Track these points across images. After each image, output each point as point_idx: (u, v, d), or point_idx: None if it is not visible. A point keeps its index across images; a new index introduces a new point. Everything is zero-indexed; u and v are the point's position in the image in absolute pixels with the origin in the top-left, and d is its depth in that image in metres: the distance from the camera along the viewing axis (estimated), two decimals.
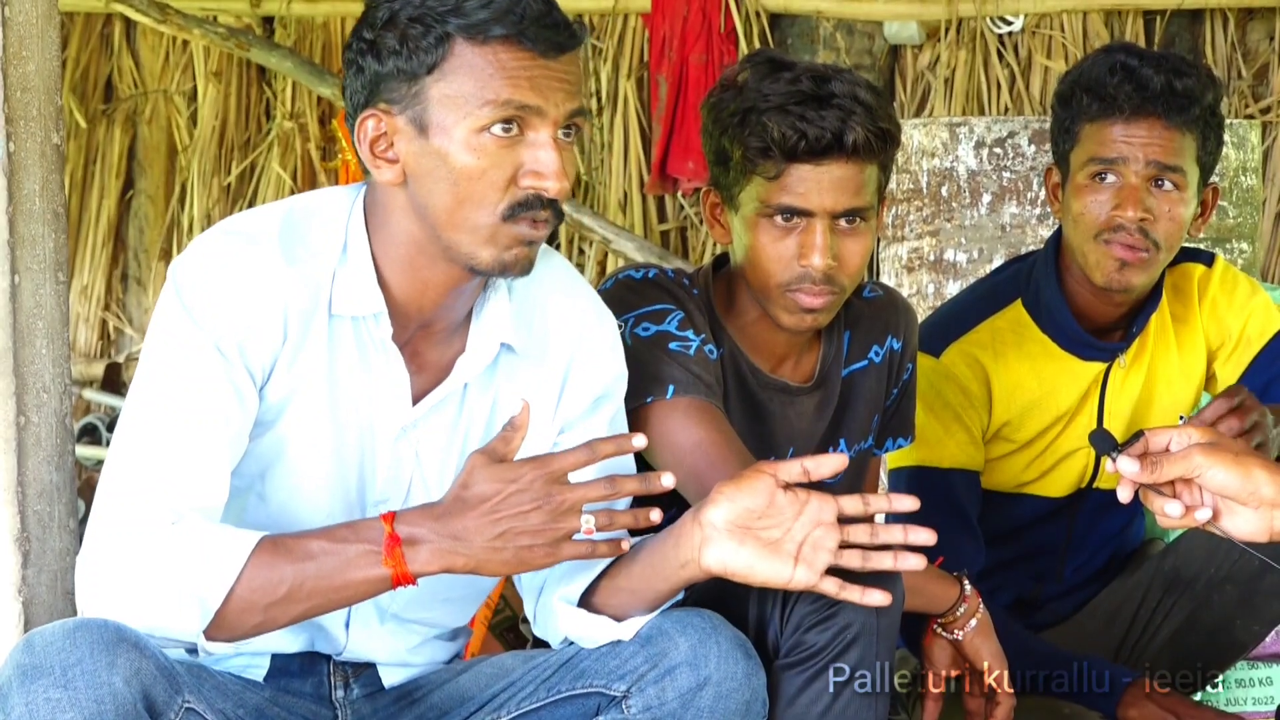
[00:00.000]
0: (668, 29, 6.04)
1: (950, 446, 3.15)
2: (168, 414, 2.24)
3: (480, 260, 2.28)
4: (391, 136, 2.27)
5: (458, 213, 2.25)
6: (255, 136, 6.63)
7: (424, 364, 2.37)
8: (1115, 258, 3.03)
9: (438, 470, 2.40)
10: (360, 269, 2.31)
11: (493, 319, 2.39)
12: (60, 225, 2.82)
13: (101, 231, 6.72)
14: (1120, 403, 3.22)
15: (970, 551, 3.09)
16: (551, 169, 2.24)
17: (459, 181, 2.24)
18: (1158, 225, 3.02)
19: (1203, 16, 5.91)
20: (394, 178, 2.28)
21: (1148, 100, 3.00)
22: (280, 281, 2.27)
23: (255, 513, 2.34)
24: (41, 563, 2.76)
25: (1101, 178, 3.03)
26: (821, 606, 2.39)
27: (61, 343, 2.82)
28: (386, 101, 2.26)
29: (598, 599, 2.37)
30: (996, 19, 5.95)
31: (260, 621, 2.19)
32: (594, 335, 2.48)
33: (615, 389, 2.50)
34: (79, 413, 6.53)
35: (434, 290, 2.33)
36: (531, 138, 2.25)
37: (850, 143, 2.65)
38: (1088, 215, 3.05)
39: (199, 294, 2.25)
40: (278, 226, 2.31)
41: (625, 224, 6.10)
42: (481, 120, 2.22)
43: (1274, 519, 2.10)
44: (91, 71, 6.71)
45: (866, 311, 2.92)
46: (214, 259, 2.28)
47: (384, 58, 2.25)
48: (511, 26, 2.22)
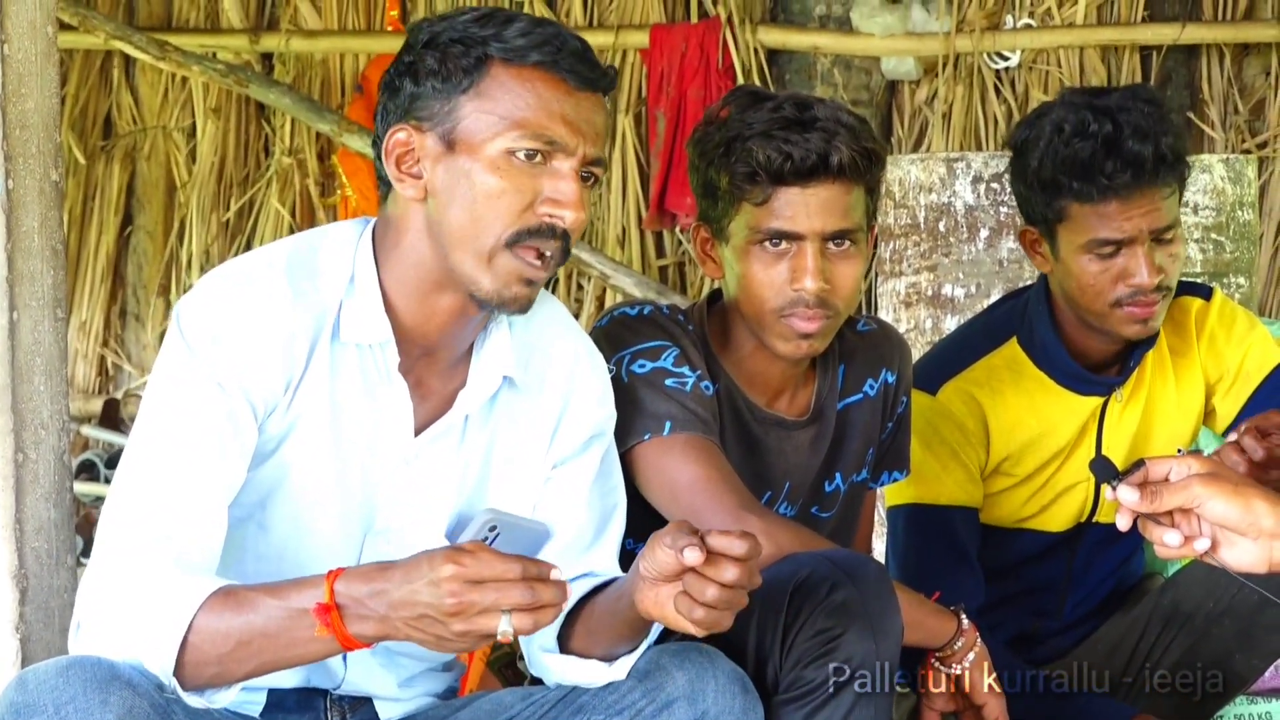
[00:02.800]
0: (666, 65, 6.05)
1: (948, 484, 3.15)
2: (165, 455, 2.24)
3: (480, 288, 2.29)
4: (419, 152, 2.30)
5: (469, 231, 2.27)
6: (254, 172, 6.63)
7: (427, 392, 2.38)
8: (1140, 316, 3.05)
9: (438, 501, 2.40)
10: (368, 297, 2.32)
11: (494, 353, 2.40)
12: (59, 262, 2.83)
13: (100, 267, 6.72)
14: (1118, 437, 3.22)
15: (969, 587, 3.08)
16: (571, 199, 2.26)
17: (478, 199, 2.26)
18: (1168, 275, 3.06)
19: (1199, 52, 5.93)
20: (416, 194, 2.30)
21: (1144, 176, 2.99)
22: (285, 316, 2.28)
23: (256, 542, 2.34)
24: (39, 600, 2.76)
25: (1107, 255, 3.03)
26: (821, 641, 2.39)
27: (60, 379, 2.83)
28: (418, 119, 2.29)
29: (576, 644, 2.38)
30: (993, 54, 5.96)
31: (216, 673, 2.16)
32: (588, 377, 2.50)
33: (606, 428, 2.52)
34: (77, 449, 6.52)
35: (440, 318, 2.34)
36: (554, 167, 2.27)
37: (836, 163, 2.66)
38: (1098, 285, 3.05)
39: (202, 332, 2.26)
40: (284, 262, 2.32)
41: (623, 259, 6.11)
42: (509, 142, 2.26)
43: (1273, 550, 2.10)
44: (91, 108, 6.72)
45: (861, 345, 2.92)
46: (217, 297, 2.28)
47: (421, 78, 2.29)
48: (549, 55, 2.27)
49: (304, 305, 2.30)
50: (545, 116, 2.26)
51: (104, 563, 2.22)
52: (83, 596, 2.23)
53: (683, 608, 2.16)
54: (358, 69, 6.41)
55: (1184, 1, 5.92)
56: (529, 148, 2.26)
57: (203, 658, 2.14)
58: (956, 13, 5.93)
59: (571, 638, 2.39)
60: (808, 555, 2.55)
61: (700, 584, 2.14)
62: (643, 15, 6.19)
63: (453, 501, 2.40)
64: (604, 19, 6.24)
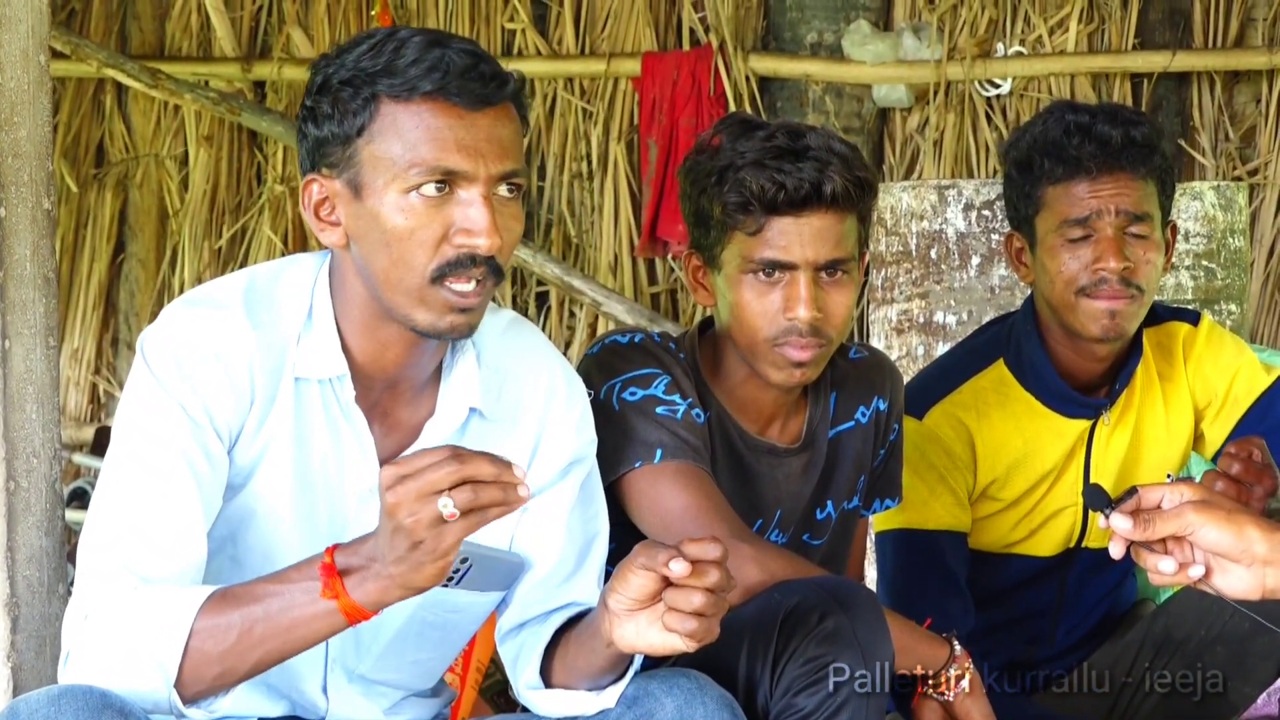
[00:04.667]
0: (657, 93, 6.07)
1: (936, 508, 3.15)
2: (140, 478, 2.24)
3: (417, 322, 2.27)
4: (333, 200, 2.27)
5: (392, 273, 2.25)
6: (246, 200, 6.64)
7: (394, 424, 2.37)
8: (1105, 309, 3.05)
9: None
10: (323, 332, 2.32)
11: (461, 383, 2.39)
12: (51, 290, 2.83)
13: (92, 295, 6.72)
14: (1107, 460, 3.22)
15: (959, 612, 3.08)
16: (481, 226, 2.22)
17: (390, 242, 2.23)
18: (1138, 271, 3.05)
19: (1190, 80, 5.95)
20: (338, 239, 2.29)
21: (1111, 155, 3.03)
22: (245, 345, 2.28)
23: (230, 576, 2.32)
24: (30, 628, 2.76)
25: (1075, 240, 3.06)
26: (812, 669, 2.39)
27: (52, 407, 2.83)
28: (327, 166, 2.27)
29: (558, 679, 2.38)
30: (984, 82, 5.98)
31: (220, 672, 2.15)
32: (564, 406, 2.48)
33: (586, 454, 2.50)
34: (69, 477, 6.51)
35: (393, 350, 2.33)
36: (462, 196, 2.23)
37: (829, 192, 2.66)
38: (1067, 273, 3.07)
39: (165, 361, 2.26)
40: (241, 293, 2.31)
41: (615, 286, 6.11)
42: (409, 182, 2.22)
43: (1266, 577, 2.10)
44: (83, 136, 6.72)
45: (853, 373, 2.92)
46: (179, 327, 2.28)
47: (320, 122, 2.26)
48: (435, 83, 2.21)
49: (262, 335, 2.29)
50: (439, 149, 2.21)
51: (86, 590, 2.21)
52: (68, 626, 2.22)
53: (674, 623, 2.15)
54: None
55: (1175, 29, 5.94)
56: (429, 182, 2.22)
57: (205, 658, 2.14)
58: (948, 40, 5.95)
59: (553, 673, 2.38)
60: (798, 582, 2.55)
61: (685, 594, 2.14)
62: (634, 43, 6.20)
63: None
64: (596, 47, 6.26)
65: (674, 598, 2.15)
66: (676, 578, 2.13)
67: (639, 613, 2.19)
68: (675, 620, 2.15)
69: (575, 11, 6.28)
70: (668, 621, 2.16)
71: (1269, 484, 2.88)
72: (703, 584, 2.14)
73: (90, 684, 2.13)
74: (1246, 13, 5.91)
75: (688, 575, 2.13)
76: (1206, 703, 3.22)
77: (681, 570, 2.12)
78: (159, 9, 6.66)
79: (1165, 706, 3.26)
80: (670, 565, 2.12)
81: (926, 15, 6.00)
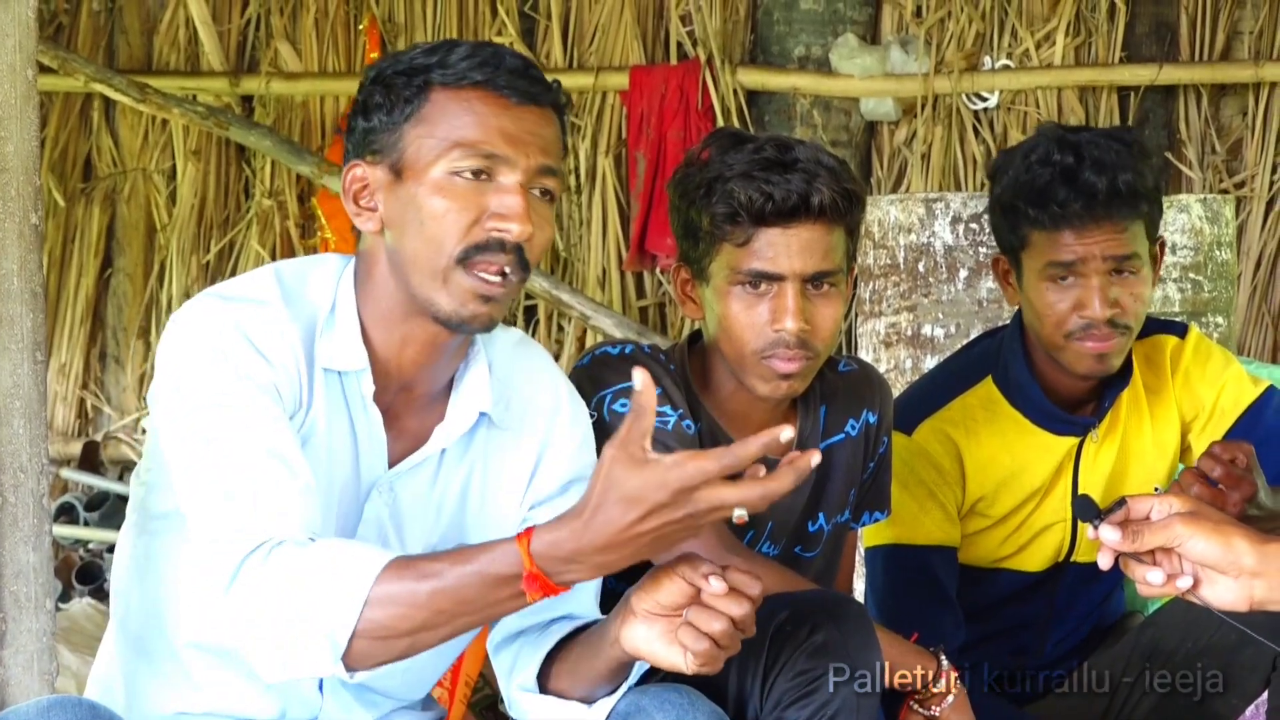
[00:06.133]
0: (645, 106, 6.07)
1: (926, 524, 3.15)
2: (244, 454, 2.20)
3: (439, 308, 2.29)
4: (372, 186, 2.32)
5: (422, 253, 2.28)
6: (234, 214, 6.63)
7: (403, 430, 2.38)
8: (1092, 352, 3.05)
9: (411, 535, 2.40)
10: (346, 326, 2.34)
11: (472, 389, 2.41)
12: (38, 304, 2.83)
13: (80, 310, 6.71)
14: (1094, 476, 3.23)
15: (948, 627, 3.08)
16: (515, 211, 2.26)
17: (425, 220, 2.27)
18: (1126, 312, 3.05)
19: (1176, 92, 5.96)
20: (374, 226, 2.33)
21: (1099, 206, 3.01)
22: (285, 327, 2.30)
23: None
24: (18, 643, 2.75)
25: (1062, 279, 3.05)
26: (802, 683, 2.39)
27: (39, 422, 2.82)
28: (371, 153, 2.32)
29: (555, 684, 2.38)
30: (972, 95, 5.98)
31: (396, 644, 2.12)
32: (568, 422, 2.50)
33: (586, 472, 2.48)
34: (56, 492, 6.50)
35: (413, 348, 2.35)
36: (499, 182, 2.28)
37: (817, 204, 2.67)
38: (1054, 315, 3.06)
39: (219, 336, 2.24)
40: (274, 280, 2.34)
41: (604, 300, 6.11)
42: (451, 163, 2.27)
43: (1254, 589, 2.10)
44: (70, 150, 6.71)
45: (842, 386, 2.92)
46: (222, 308, 2.27)
47: (370, 112, 2.32)
48: (486, 74, 2.28)
49: (297, 320, 2.31)
50: (484, 132, 2.27)
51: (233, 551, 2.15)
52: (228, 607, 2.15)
53: (688, 639, 2.15)
54: (338, 111, 6.42)
55: (1161, 42, 5.95)
56: (471, 166, 2.27)
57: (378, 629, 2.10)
58: (935, 54, 5.96)
59: (551, 677, 2.38)
60: (788, 595, 2.55)
61: (708, 617, 2.14)
62: (622, 57, 6.21)
63: (426, 538, 2.40)
64: (584, 61, 6.26)
65: (697, 615, 2.15)
66: (708, 595, 2.14)
67: (658, 620, 2.20)
68: (689, 637, 2.15)
69: (563, 25, 6.28)
70: (681, 636, 2.16)
71: (1247, 490, 2.88)
72: (730, 611, 2.14)
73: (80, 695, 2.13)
74: (1232, 26, 5.92)
75: (720, 597, 2.13)
76: (1194, 713, 3.22)
77: (718, 589, 2.13)
78: (147, 24, 6.65)
79: (1154, 717, 3.27)
80: (710, 580, 2.13)
81: (914, 29, 6.01)
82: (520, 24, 6.30)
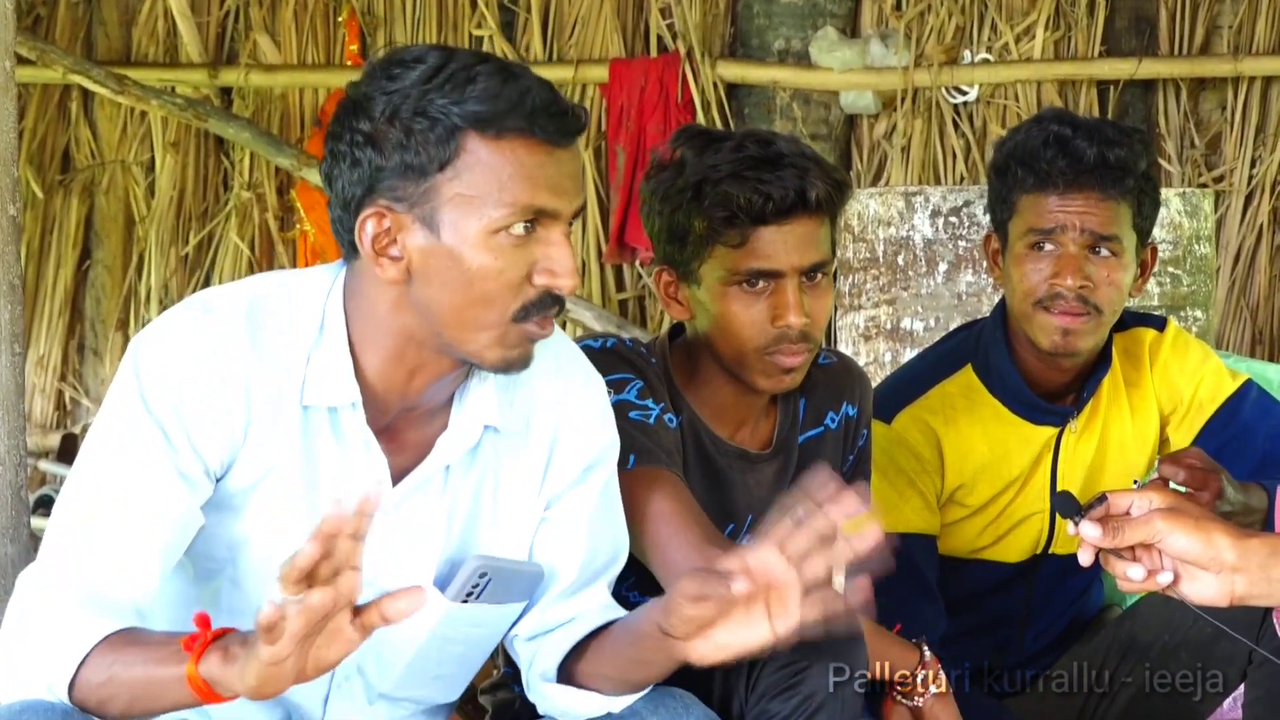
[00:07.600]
0: (625, 99, 6.07)
1: (906, 512, 3.16)
2: (102, 499, 2.18)
3: (486, 359, 2.22)
4: (395, 234, 2.18)
5: (467, 312, 2.19)
6: (213, 207, 6.61)
7: (404, 444, 2.31)
8: (1058, 325, 3.07)
9: (423, 550, 2.34)
10: (336, 357, 2.25)
11: (476, 402, 2.33)
12: (16, 296, 2.82)
13: (58, 302, 6.69)
14: (1073, 467, 3.24)
15: (930, 616, 3.09)
16: (566, 267, 2.19)
17: (473, 281, 2.17)
18: (1098, 291, 3.06)
19: (1156, 87, 5.97)
20: (397, 275, 2.20)
21: (1082, 173, 3.04)
22: (241, 363, 2.21)
23: (229, 597, 2.28)
24: None
25: (1039, 247, 3.08)
26: (785, 676, 2.39)
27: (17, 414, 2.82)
28: (390, 198, 2.17)
29: (580, 676, 2.35)
30: (952, 89, 5.99)
31: (99, 706, 2.08)
32: (580, 403, 2.44)
33: (606, 456, 2.46)
34: (34, 484, 6.48)
35: (420, 379, 2.27)
36: (544, 235, 2.19)
37: (813, 198, 2.67)
38: (1027, 283, 3.08)
39: (154, 373, 2.19)
40: (245, 306, 2.24)
41: (583, 293, 6.11)
42: (500, 222, 2.16)
43: (1234, 584, 2.10)
44: (49, 142, 6.69)
45: (821, 378, 2.93)
46: (174, 337, 2.21)
47: (387, 152, 2.16)
48: (524, 119, 2.15)
49: (262, 356, 2.22)
50: (531, 189, 2.16)
51: (25, 593, 2.17)
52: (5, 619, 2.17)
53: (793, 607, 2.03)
54: (317, 103, 6.41)
55: (1140, 36, 5.97)
56: (521, 221, 2.17)
57: (91, 691, 2.07)
58: (915, 47, 5.97)
59: (575, 671, 2.35)
60: None
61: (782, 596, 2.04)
62: (602, 50, 6.20)
63: (440, 550, 2.34)
64: (563, 54, 6.26)
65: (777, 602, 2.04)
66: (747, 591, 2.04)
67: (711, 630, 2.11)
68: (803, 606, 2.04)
69: (543, 18, 6.27)
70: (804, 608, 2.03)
71: (1214, 486, 2.90)
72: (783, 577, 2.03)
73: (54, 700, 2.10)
74: (1212, 20, 5.93)
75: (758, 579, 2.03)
76: (1172, 706, 3.23)
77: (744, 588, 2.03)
78: (125, 15, 6.63)
79: (1131, 710, 3.27)
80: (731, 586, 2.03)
81: (894, 22, 6.02)
82: (500, 16, 6.29)
